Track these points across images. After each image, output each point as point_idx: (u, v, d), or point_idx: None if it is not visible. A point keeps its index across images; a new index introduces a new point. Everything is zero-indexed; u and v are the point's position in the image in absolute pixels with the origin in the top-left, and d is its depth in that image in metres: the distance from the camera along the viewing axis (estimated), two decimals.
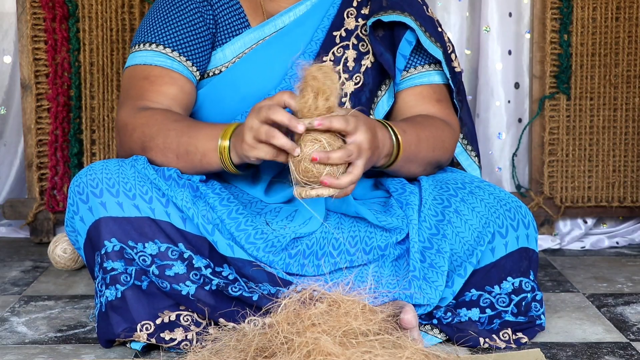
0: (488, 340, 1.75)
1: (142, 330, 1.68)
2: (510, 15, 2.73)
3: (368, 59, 1.94)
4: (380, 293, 1.71)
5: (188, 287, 1.68)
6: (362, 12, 1.94)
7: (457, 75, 1.97)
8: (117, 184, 1.70)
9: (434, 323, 1.75)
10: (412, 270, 1.74)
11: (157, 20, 1.87)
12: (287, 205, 1.83)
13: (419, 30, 1.89)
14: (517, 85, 2.76)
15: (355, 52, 1.93)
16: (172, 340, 1.68)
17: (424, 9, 1.94)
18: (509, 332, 1.77)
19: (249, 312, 1.66)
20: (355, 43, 1.93)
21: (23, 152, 2.76)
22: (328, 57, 1.90)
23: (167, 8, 1.88)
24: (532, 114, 2.72)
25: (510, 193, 1.86)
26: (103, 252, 1.69)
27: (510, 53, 2.74)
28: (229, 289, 1.68)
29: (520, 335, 1.77)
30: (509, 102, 2.76)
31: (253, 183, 1.88)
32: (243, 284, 1.70)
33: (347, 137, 1.61)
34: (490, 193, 1.82)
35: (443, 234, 1.78)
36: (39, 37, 2.63)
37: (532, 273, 1.81)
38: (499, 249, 1.79)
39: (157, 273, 1.68)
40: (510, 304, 1.78)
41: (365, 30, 1.94)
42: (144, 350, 1.71)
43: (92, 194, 1.70)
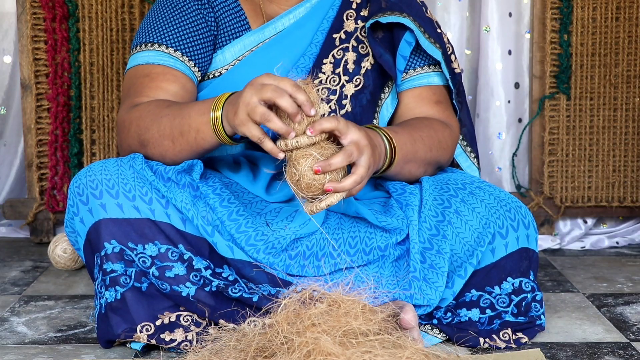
0: (488, 340, 1.75)
1: (142, 332, 1.68)
2: (510, 15, 2.73)
3: (368, 61, 1.93)
4: (381, 293, 1.71)
5: (188, 288, 1.68)
6: (361, 14, 1.94)
7: (456, 76, 1.96)
8: (116, 185, 1.70)
9: (434, 323, 1.75)
10: (412, 271, 1.74)
11: (158, 21, 1.86)
12: (287, 206, 1.82)
13: (418, 32, 1.89)
14: (517, 85, 2.76)
15: (355, 54, 1.93)
16: (172, 341, 1.68)
17: (424, 10, 1.93)
18: (509, 332, 1.77)
19: (249, 312, 1.66)
20: (355, 45, 1.93)
21: (23, 152, 2.76)
22: (328, 59, 1.90)
23: (168, 9, 1.87)
24: (532, 114, 2.72)
25: (510, 193, 1.85)
26: (103, 253, 1.69)
27: (510, 53, 2.74)
28: (229, 290, 1.68)
29: (520, 335, 1.77)
30: (509, 102, 2.75)
31: (254, 180, 1.87)
32: (243, 285, 1.69)
33: (341, 137, 1.61)
34: (491, 193, 1.81)
35: (443, 235, 1.78)
36: (39, 37, 2.63)
37: (532, 273, 1.81)
38: (499, 250, 1.79)
39: (157, 274, 1.68)
40: (510, 305, 1.78)
41: (365, 32, 1.93)
42: (144, 350, 1.71)
43: (92, 195, 1.69)
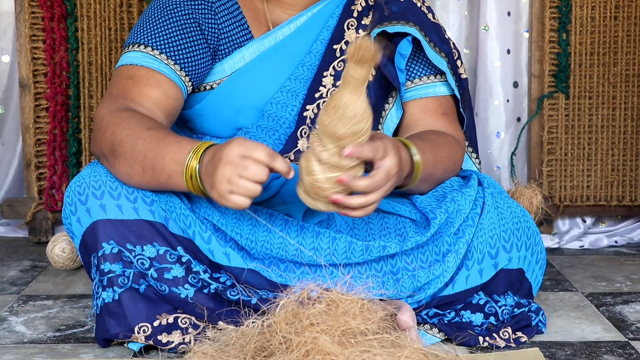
0: (487, 339, 1.74)
1: (139, 333, 1.68)
2: (509, 14, 2.73)
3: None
4: (379, 285, 1.71)
5: (187, 290, 1.68)
6: (362, 22, 1.91)
7: (463, 82, 1.94)
8: (119, 187, 1.69)
9: (434, 322, 1.75)
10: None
11: (147, 23, 1.83)
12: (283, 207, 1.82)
13: (424, 42, 1.86)
14: (515, 85, 2.76)
15: None
16: (169, 343, 1.67)
17: (428, 17, 1.91)
18: (509, 330, 1.76)
19: (248, 312, 1.65)
20: None
21: (21, 151, 2.75)
22: (329, 71, 1.88)
23: (158, 11, 1.84)
24: (530, 113, 2.72)
25: (523, 207, 1.86)
26: (100, 254, 1.68)
27: (509, 52, 2.74)
28: (228, 293, 1.68)
29: (520, 334, 1.77)
30: (508, 101, 2.75)
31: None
32: (242, 288, 1.69)
33: (375, 163, 1.55)
34: (509, 206, 1.82)
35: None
36: (38, 36, 2.63)
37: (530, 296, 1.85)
38: (514, 261, 1.80)
39: (155, 276, 1.67)
40: (512, 315, 1.80)
41: None
42: (143, 350, 1.71)
43: (92, 195, 1.69)
